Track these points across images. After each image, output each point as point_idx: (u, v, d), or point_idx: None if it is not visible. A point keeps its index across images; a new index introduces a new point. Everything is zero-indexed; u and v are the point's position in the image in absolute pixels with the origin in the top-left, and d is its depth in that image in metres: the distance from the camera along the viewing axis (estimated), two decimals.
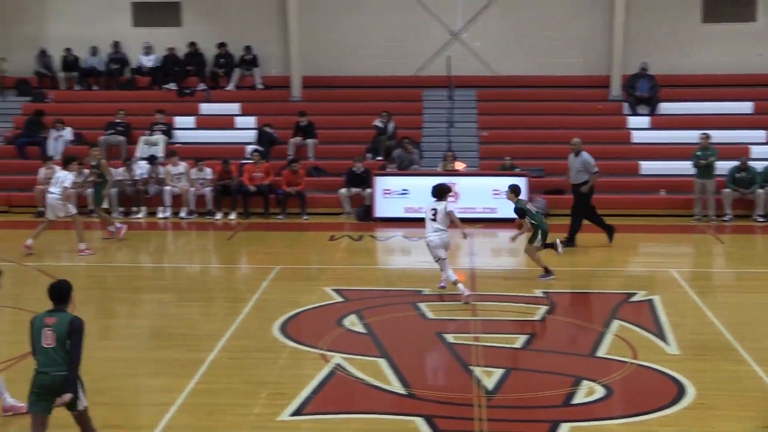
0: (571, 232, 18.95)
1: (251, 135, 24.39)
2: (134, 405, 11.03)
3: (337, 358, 12.06)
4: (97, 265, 18.03)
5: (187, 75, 26.47)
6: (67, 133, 24.19)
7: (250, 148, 23.65)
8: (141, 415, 10.69)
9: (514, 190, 16.12)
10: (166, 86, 26.26)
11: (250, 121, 25.02)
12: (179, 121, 25.04)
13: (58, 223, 18.68)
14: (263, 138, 23.96)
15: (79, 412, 8.69)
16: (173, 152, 22.79)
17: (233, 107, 25.55)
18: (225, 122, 25.14)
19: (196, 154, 22.88)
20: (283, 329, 13.47)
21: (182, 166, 22.34)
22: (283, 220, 21.86)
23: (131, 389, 11.43)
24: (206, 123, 25.19)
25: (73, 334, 8.50)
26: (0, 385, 10.32)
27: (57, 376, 8.43)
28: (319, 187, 22.98)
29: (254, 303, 14.96)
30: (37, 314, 8.69)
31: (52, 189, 18.23)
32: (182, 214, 21.95)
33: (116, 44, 26.72)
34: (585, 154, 18.84)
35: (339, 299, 15.04)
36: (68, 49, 26.60)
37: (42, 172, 22.03)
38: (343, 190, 22.14)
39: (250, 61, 26.50)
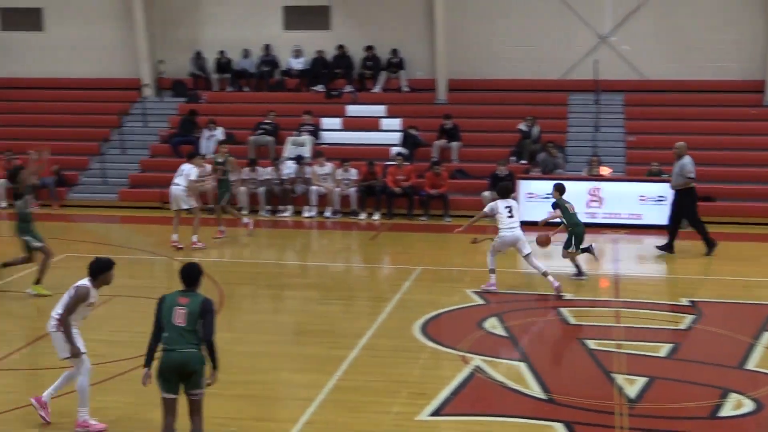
0: (670, 238, 18.54)
1: (396, 137, 24.55)
2: (277, 399, 11.25)
3: (477, 360, 12.02)
4: (243, 261, 18.47)
5: (335, 77, 26.83)
6: (219, 133, 24.85)
7: (394, 150, 23.80)
8: (284, 409, 10.89)
9: (559, 188, 16.47)
10: (315, 88, 26.68)
11: (396, 123, 25.19)
12: (326, 122, 25.41)
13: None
14: (408, 140, 24.08)
15: (201, 394, 8.81)
16: (320, 153, 23.15)
17: (379, 109, 25.77)
18: (371, 124, 25.38)
19: (342, 155, 23.18)
20: (424, 329, 13.50)
21: (328, 166, 22.66)
22: (426, 222, 21.93)
23: (275, 383, 11.66)
24: (352, 124, 25.48)
25: (205, 314, 8.69)
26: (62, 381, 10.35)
27: (186, 353, 8.59)
28: (463, 189, 22.94)
29: (396, 303, 15.05)
30: (167, 293, 8.89)
31: (177, 181, 18.91)
32: (327, 214, 22.28)
33: (267, 47, 27.30)
34: (686, 159, 18.31)
35: (480, 302, 14.99)
36: (222, 52, 27.34)
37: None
38: (487, 193, 22.03)
39: (396, 64, 26.68)
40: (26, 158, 23.77)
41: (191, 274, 8.89)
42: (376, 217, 22.09)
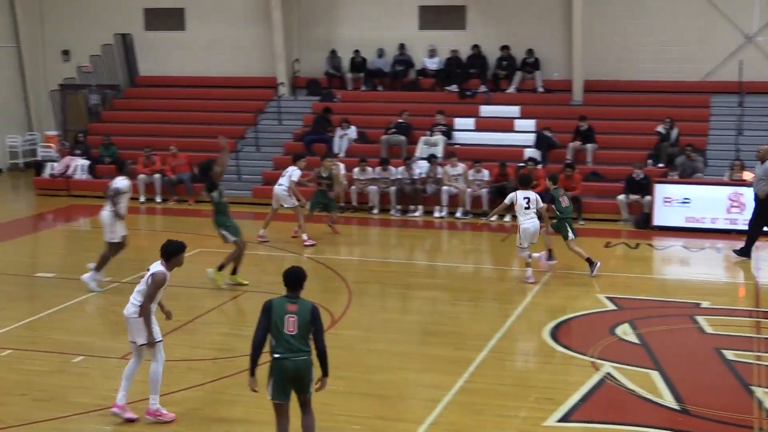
0: (747, 243, 17.88)
1: (530, 138, 24.26)
2: (403, 398, 11.25)
3: (608, 367, 11.77)
4: (372, 260, 18.55)
5: (469, 77, 26.69)
6: (352, 132, 25.05)
7: (527, 152, 23.53)
8: (410, 409, 10.88)
9: (552, 178, 17.28)
10: (448, 88, 26.61)
11: (530, 124, 24.90)
12: (459, 122, 25.31)
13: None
14: (541, 141, 23.79)
15: (310, 396, 8.87)
16: (452, 153, 23.07)
17: (513, 110, 25.51)
18: (504, 124, 25.16)
19: (475, 156, 23.04)
20: (553, 334, 13.31)
21: (460, 167, 22.57)
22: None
23: (401, 383, 11.66)
24: (485, 125, 25.31)
25: (316, 321, 8.69)
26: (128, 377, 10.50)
27: (299, 361, 8.62)
28: (597, 192, 22.51)
29: (525, 306, 14.88)
30: (272, 299, 8.83)
31: (281, 181, 19.35)
32: (458, 214, 22.18)
33: (402, 46, 27.37)
34: None
35: (612, 307, 14.69)
36: (356, 51, 27.54)
37: None
38: (622, 197, 21.58)
39: (532, 64, 26.37)
40: (167, 154, 24.56)
41: (297, 279, 8.82)
42: (507, 218, 21.87)
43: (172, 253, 10.28)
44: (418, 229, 21.43)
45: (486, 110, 25.64)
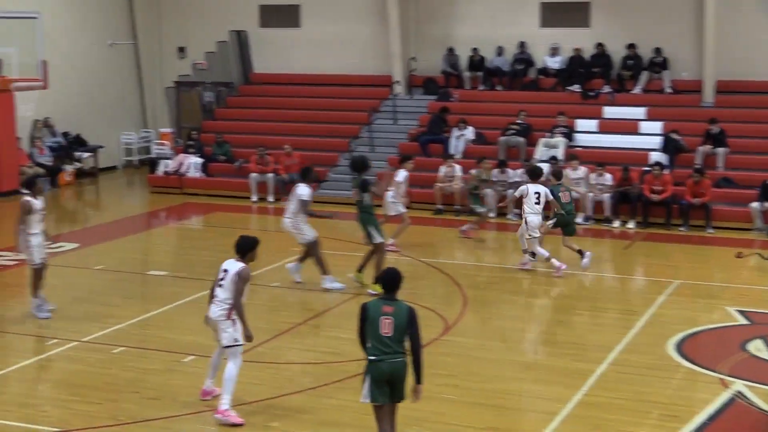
0: None
1: (656, 141, 23.78)
2: (519, 410, 11.18)
3: (739, 385, 11.46)
4: (488, 265, 18.45)
5: (593, 77, 26.33)
6: (469, 132, 24.96)
7: (653, 156, 23.09)
8: (525, 422, 10.81)
9: (555, 173, 17.96)
10: (570, 88, 26.30)
11: (656, 126, 24.41)
12: (581, 124, 24.99)
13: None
14: (669, 145, 23.30)
15: (399, 402, 8.94)
16: (573, 156, 22.79)
17: (639, 111, 25.05)
18: (629, 127, 24.73)
19: (597, 159, 22.71)
20: (679, 348, 13.04)
21: (582, 170, 22.28)
22: (685, 233, 21.12)
23: (517, 394, 11.59)
24: (609, 127, 24.92)
25: (412, 324, 8.74)
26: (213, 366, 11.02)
27: (395, 362, 8.70)
28: (728, 199, 21.94)
29: (649, 317, 14.61)
30: (368, 302, 8.94)
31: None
32: (578, 220, 21.84)
33: (522, 44, 27.18)
34: None
35: (743, 321, 14.30)
36: (475, 49, 27.44)
37: (443, 170, 22.94)
38: (755, 204, 20.99)
39: (659, 64, 25.87)
40: (280, 153, 24.91)
41: (393, 280, 8.92)
42: (631, 225, 21.51)
43: (248, 248, 10.65)
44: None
45: (610, 111, 25.26)
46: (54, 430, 10.42)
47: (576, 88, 26.15)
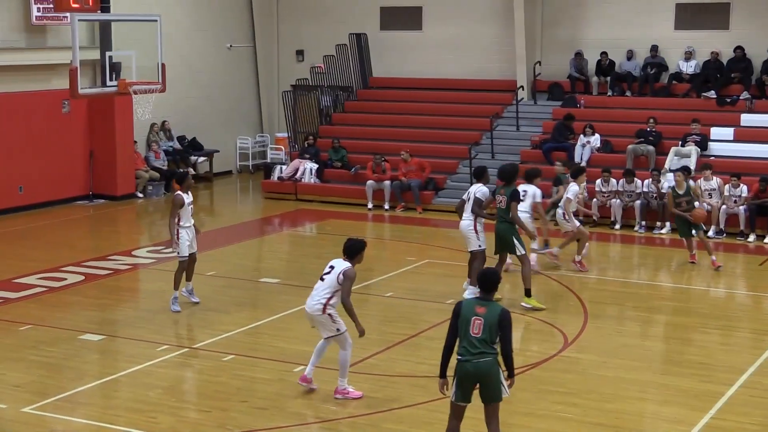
0: None
1: None
2: (639, 431, 11.02)
3: None
4: (611, 279, 18.20)
5: (730, 82, 25.74)
6: (595, 140, 24.68)
7: None
8: None
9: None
10: (705, 94, 25.77)
11: None
12: (716, 132, 24.46)
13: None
14: None
15: (497, 404, 9.13)
16: (707, 165, 22.33)
17: None
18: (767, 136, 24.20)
19: (733, 169, 22.21)
20: None
21: (715, 181, 21.83)
22: None
23: (638, 414, 11.46)
24: (746, 135, 24.34)
25: (504, 325, 8.97)
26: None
27: (480, 363, 8.93)
28: None
29: None
30: (462, 301, 9.35)
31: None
32: (710, 233, 21.43)
33: (654, 48, 26.76)
34: None
35: None
36: (604, 53, 27.13)
37: None
38: None
39: None
40: (398, 159, 25.07)
41: (490, 281, 9.22)
42: (767, 240, 21.02)
43: (355, 251, 11.38)
44: (664, 248, 20.89)
45: (748, 119, 24.68)
46: None
47: (711, 94, 25.61)
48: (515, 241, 15.45)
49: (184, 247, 15.29)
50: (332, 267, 11.40)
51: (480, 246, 15.69)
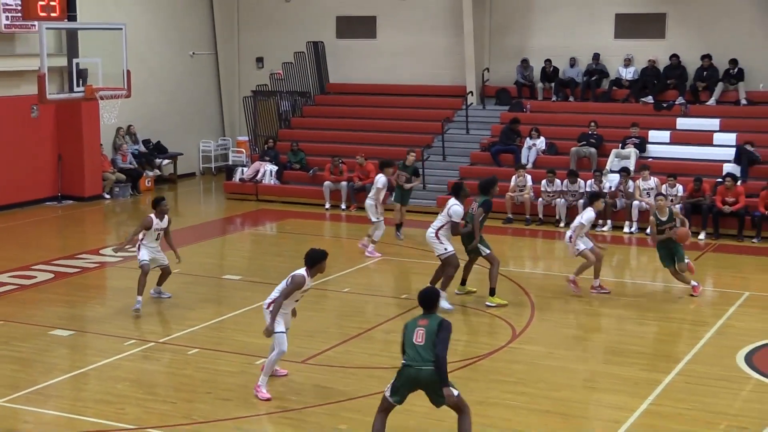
0: None
1: (730, 153, 23.42)
2: (585, 418, 11.13)
3: None
4: (556, 274, 18.26)
5: (666, 88, 26.00)
6: (541, 143, 24.84)
7: (726, 167, 22.76)
8: (591, 429, 10.74)
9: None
10: (644, 99, 26.01)
11: (730, 138, 24.00)
12: (654, 135, 24.69)
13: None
14: (742, 156, 22.92)
15: (454, 401, 9.39)
16: (645, 166, 22.55)
17: (712, 123, 24.67)
18: (702, 138, 24.37)
19: (669, 170, 22.43)
20: (749, 360, 12.86)
21: (653, 180, 22.04)
22: (757, 244, 20.78)
23: (584, 402, 11.55)
24: (682, 138, 24.59)
25: (442, 328, 9.32)
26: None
27: (422, 370, 9.24)
28: None
29: (717, 328, 14.42)
30: (409, 319, 9.76)
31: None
32: (648, 231, 21.63)
33: (596, 56, 26.95)
34: None
35: None
36: (548, 60, 27.28)
37: (513, 179, 22.89)
38: None
39: (735, 75, 25.46)
40: (354, 162, 25.05)
41: (429, 299, 9.63)
42: (702, 236, 21.21)
43: (314, 261, 11.27)
44: (605, 244, 21.03)
45: (683, 123, 24.95)
46: (130, 428, 10.65)
47: (649, 99, 25.87)
48: (482, 245, 15.41)
49: (144, 252, 15.16)
50: (291, 276, 11.44)
51: (446, 249, 15.25)
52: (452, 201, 15.30)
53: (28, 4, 23.26)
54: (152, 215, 15.18)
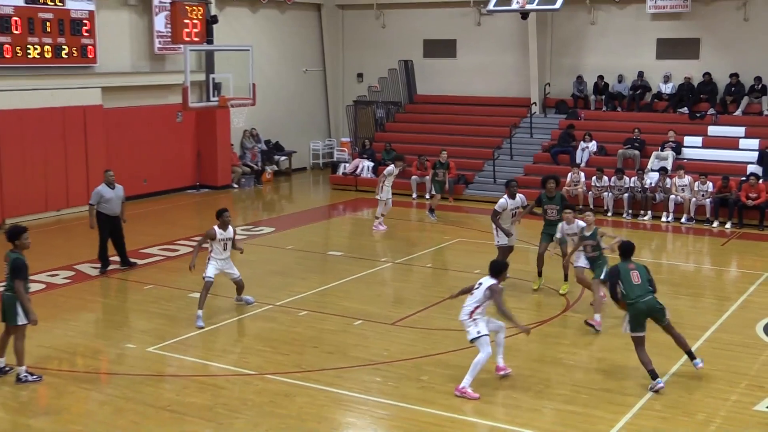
0: None
1: (753, 156, 22.78)
2: (625, 376, 10.98)
3: None
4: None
5: (699, 101, 25.39)
6: (593, 145, 24.47)
7: (750, 168, 22.13)
8: (630, 385, 10.61)
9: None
10: (680, 110, 25.44)
11: (754, 143, 23.35)
12: (688, 140, 24.14)
13: None
14: (764, 159, 22.27)
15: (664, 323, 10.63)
16: (681, 166, 22.05)
17: (739, 130, 24.01)
18: (730, 143, 23.75)
19: (701, 170, 21.92)
20: (767, 329, 12.50)
21: (687, 178, 21.56)
22: None
23: (623, 362, 11.36)
24: (712, 143, 24.00)
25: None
26: (498, 346, 10.59)
27: (649, 301, 10.44)
28: None
29: (740, 303, 14.08)
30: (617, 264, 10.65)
31: None
32: (683, 220, 21.20)
33: (641, 74, 26.44)
34: None
35: None
36: (600, 77, 26.86)
37: (569, 176, 22.61)
38: None
39: (759, 90, 24.73)
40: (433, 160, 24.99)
41: (630, 249, 10.83)
42: (728, 225, 20.69)
43: (499, 270, 10.40)
44: (646, 231, 20.70)
45: (713, 130, 24.33)
46: (252, 373, 10.85)
47: (685, 110, 25.28)
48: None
49: (211, 269, 13.20)
50: (480, 284, 10.40)
51: (497, 242, 14.74)
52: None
53: (176, 31, 23.92)
54: (216, 226, 13.16)
